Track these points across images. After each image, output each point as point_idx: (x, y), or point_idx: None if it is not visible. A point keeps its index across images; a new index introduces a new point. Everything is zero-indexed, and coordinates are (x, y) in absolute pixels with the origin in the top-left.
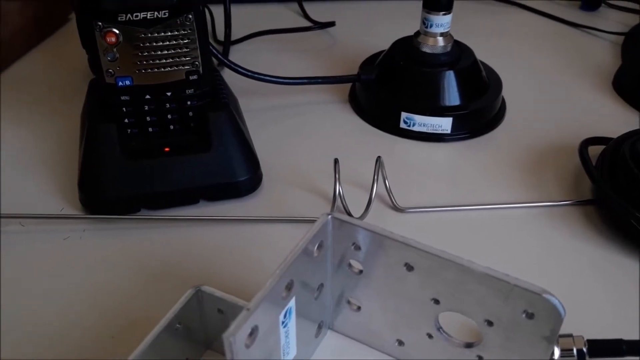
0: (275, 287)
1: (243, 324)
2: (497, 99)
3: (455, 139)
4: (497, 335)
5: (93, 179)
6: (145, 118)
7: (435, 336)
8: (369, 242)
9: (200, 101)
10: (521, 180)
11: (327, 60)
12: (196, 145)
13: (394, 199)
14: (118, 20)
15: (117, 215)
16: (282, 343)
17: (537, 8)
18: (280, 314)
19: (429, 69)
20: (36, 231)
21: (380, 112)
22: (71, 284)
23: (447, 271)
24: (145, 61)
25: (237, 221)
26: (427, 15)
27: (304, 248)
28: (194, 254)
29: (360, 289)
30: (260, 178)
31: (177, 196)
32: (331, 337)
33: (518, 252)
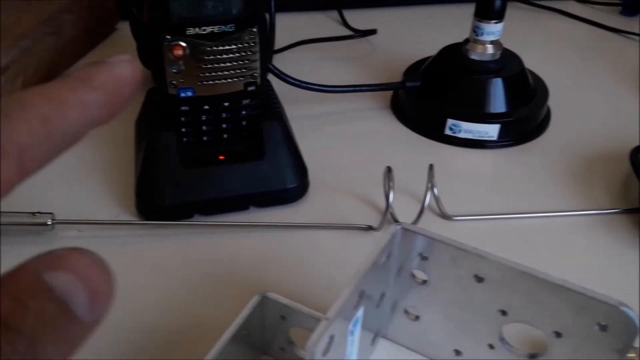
0: (350, 297)
1: (323, 334)
2: (544, 106)
3: (500, 146)
4: (565, 347)
5: (152, 186)
6: (201, 127)
7: (497, 347)
8: (439, 253)
9: (254, 111)
10: (568, 188)
11: (367, 68)
12: (249, 153)
13: (443, 207)
14: (186, 34)
15: (172, 221)
16: (348, 351)
17: (577, 14)
18: (350, 323)
19: (477, 76)
20: (93, 237)
21: (425, 119)
22: (129, 288)
23: (520, 283)
24: (207, 73)
25: (286, 227)
26: (479, 24)
27: (377, 258)
28: (247, 259)
29: (421, 299)
30: (307, 185)
31: (229, 202)
32: (384, 345)
33: (568, 260)
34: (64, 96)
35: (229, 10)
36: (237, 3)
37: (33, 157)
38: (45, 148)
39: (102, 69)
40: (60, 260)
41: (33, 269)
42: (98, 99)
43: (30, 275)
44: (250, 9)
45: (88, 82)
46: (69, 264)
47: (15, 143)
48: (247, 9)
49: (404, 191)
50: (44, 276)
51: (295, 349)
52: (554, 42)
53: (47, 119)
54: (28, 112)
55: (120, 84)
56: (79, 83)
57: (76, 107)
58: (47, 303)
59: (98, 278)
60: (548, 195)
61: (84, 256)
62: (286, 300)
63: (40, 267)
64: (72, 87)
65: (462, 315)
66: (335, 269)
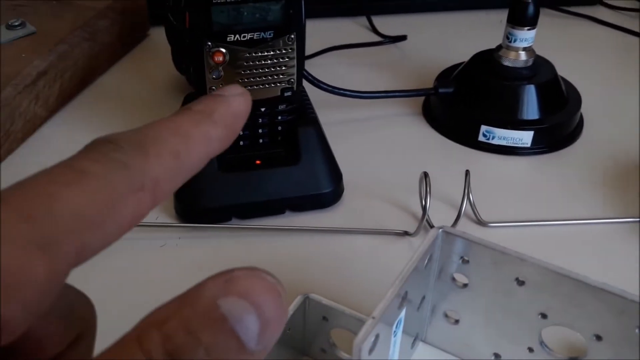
0: (394, 297)
1: (370, 332)
2: (577, 113)
3: (533, 153)
4: (605, 350)
5: (191, 190)
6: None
7: (537, 350)
8: (480, 256)
9: (290, 116)
10: (602, 195)
11: (397, 74)
12: (285, 158)
13: (478, 213)
14: (227, 40)
15: (210, 224)
16: (391, 351)
17: (607, 20)
18: (393, 324)
19: (509, 83)
20: (133, 238)
21: (458, 125)
22: (170, 289)
23: (560, 286)
24: (246, 79)
25: (323, 232)
26: (512, 30)
27: (419, 260)
28: (284, 262)
29: (461, 302)
30: (342, 190)
31: (266, 206)
32: (424, 348)
33: (603, 267)
34: (190, 131)
35: (267, 17)
36: (276, 11)
37: (164, 190)
38: (175, 180)
39: (221, 103)
40: (236, 283)
41: (210, 294)
42: (218, 134)
43: (207, 302)
44: (287, 17)
45: (209, 117)
46: (244, 289)
47: (152, 177)
48: (284, 16)
49: (437, 197)
50: (219, 303)
51: (336, 351)
52: (585, 48)
53: (178, 154)
54: (161, 147)
55: (236, 118)
56: (201, 117)
57: (201, 142)
58: (219, 335)
59: (272, 305)
60: (582, 202)
61: (260, 279)
62: (329, 301)
63: (217, 293)
64: (195, 120)
65: (502, 319)
66: (372, 273)
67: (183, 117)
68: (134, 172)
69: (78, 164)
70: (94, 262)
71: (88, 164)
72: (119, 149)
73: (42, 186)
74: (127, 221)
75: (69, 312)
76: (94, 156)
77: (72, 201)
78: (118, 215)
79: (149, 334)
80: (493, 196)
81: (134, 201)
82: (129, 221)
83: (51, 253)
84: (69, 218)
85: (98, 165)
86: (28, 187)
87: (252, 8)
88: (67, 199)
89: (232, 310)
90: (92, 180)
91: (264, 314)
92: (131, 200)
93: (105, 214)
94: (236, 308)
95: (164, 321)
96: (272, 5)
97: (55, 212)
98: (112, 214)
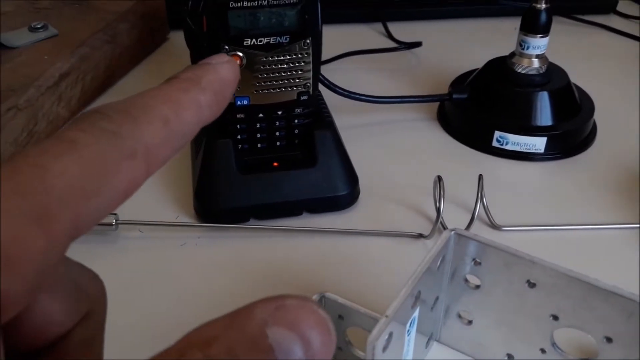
0: (408, 296)
1: (384, 330)
2: (590, 120)
3: (547, 159)
4: (616, 352)
5: (210, 190)
6: (256, 135)
7: (549, 351)
8: (492, 259)
9: (307, 119)
10: (615, 201)
11: (412, 79)
12: (302, 160)
13: (492, 217)
14: (243, 44)
15: (229, 224)
16: (404, 350)
17: (620, 29)
18: (407, 323)
19: (522, 89)
20: (154, 237)
21: (472, 131)
22: (189, 287)
23: (572, 288)
24: (263, 82)
25: (339, 233)
26: (524, 38)
27: (432, 261)
28: (301, 262)
29: (474, 303)
30: (358, 193)
31: (283, 208)
32: (437, 348)
33: (615, 271)
34: (179, 98)
35: (283, 22)
36: (292, 16)
37: (157, 157)
38: (167, 147)
39: (208, 70)
40: (286, 312)
41: (260, 319)
42: (207, 100)
43: (255, 328)
44: (303, 22)
45: (197, 84)
46: (295, 320)
47: (143, 144)
48: (300, 21)
49: (451, 201)
50: (268, 332)
51: (352, 349)
52: (599, 56)
53: (168, 120)
54: (150, 114)
55: (224, 85)
56: (189, 84)
57: (191, 108)
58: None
59: (320, 341)
60: (595, 208)
61: (311, 312)
62: (344, 300)
63: (266, 318)
64: (184, 88)
65: (515, 320)
66: (387, 274)
67: (171, 85)
68: (124, 140)
69: (68, 135)
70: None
71: (78, 134)
72: (108, 117)
73: (33, 159)
74: (122, 189)
75: (75, 289)
76: (83, 126)
77: (64, 172)
78: (112, 184)
79: (192, 354)
80: (506, 201)
81: (127, 169)
82: (123, 189)
83: (47, 225)
84: (62, 189)
85: (88, 135)
86: (20, 161)
87: (269, 13)
88: (60, 170)
89: (281, 342)
90: (83, 149)
91: (312, 349)
92: (124, 167)
93: (99, 183)
94: (285, 340)
95: (209, 343)
96: (288, 11)
97: (48, 183)
98: (105, 182)
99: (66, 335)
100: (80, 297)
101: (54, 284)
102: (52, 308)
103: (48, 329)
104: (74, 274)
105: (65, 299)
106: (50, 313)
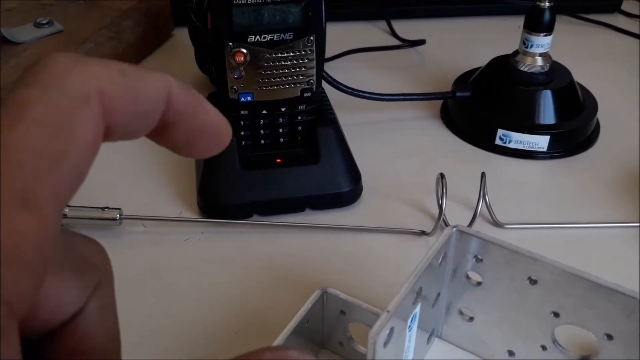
0: (409, 292)
1: (385, 325)
2: (593, 118)
3: (550, 157)
4: (616, 350)
5: (213, 186)
6: (259, 131)
7: (550, 348)
8: (493, 256)
9: (310, 116)
10: (617, 200)
11: (415, 77)
12: (305, 157)
13: (494, 214)
14: (247, 41)
15: (232, 220)
16: (406, 346)
17: (624, 28)
18: (408, 319)
19: (526, 88)
20: (158, 232)
21: (475, 129)
22: (192, 282)
23: (572, 285)
24: (266, 79)
25: (341, 229)
26: (528, 36)
27: (433, 257)
28: (304, 258)
29: (475, 300)
30: (361, 190)
31: (286, 204)
32: (439, 344)
33: (616, 270)
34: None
35: (287, 19)
36: (295, 13)
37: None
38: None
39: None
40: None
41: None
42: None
43: None
44: (307, 19)
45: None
46: None
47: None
48: (304, 18)
49: (454, 199)
50: None
51: (354, 344)
52: (603, 55)
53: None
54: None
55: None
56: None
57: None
58: None
59: None
60: (597, 206)
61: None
62: (346, 295)
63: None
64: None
65: (516, 317)
66: (389, 271)
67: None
68: (73, 84)
69: (16, 97)
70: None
71: (25, 92)
72: (55, 64)
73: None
74: (88, 143)
75: (81, 263)
76: (30, 81)
77: (25, 142)
78: (76, 139)
79: None
80: (509, 198)
81: (85, 117)
82: (90, 140)
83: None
84: (30, 162)
85: (35, 89)
86: None
87: (272, 10)
88: (20, 141)
89: None
90: (34, 109)
91: None
92: (82, 116)
93: (64, 141)
94: None
95: None
96: (291, 8)
97: (13, 160)
98: (69, 138)
99: (80, 310)
100: (88, 270)
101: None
102: (63, 287)
103: (62, 309)
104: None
105: (73, 275)
106: (62, 293)
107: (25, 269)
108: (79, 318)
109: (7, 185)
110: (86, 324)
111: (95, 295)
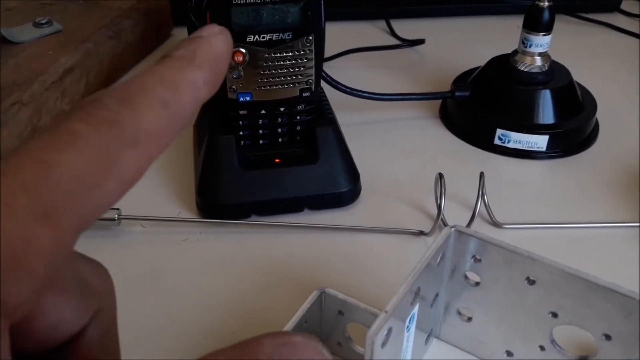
0: (407, 292)
1: (383, 325)
2: (592, 118)
3: (549, 157)
4: (614, 350)
5: (212, 186)
6: (258, 131)
7: (548, 348)
8: (492, 256)
9: (309, 116)
10: (617, 200)
11: (415, 77)
12: (304, 157)
13: (493, 214)
14: (246, 41)
15: (231, 220)
16: (404, 347)
17: (624, 27)
18: (406, 319)
19: (525, 87)
20: (156, 232)
21: (474, 128)
22: (192, 282)
23: (571, 285)
24: (265, 79)
25: (340, 230)
26: (527, 35)
27: (431, 258)
28: (302, 259)
29: (474, 300)
30: (360, 190)
31: (284, 204)
32: (437, 345)
33: (615, 270)
34: (175, 78)
35: (286, 19)
36: (294, 13)
37: (159, 142)
38: (168, 130)
39: (201, 45)
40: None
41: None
42: (203, 77)
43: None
44: (306, 19)
45: (192, 61)
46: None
47: (144, 130)
48: (303, 18)
49: (453, 199)
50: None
51: (352, 344)
52: (602, 55)
53: (166, 103)
54: (148, 98)
55: (219, 58)
56: (184, 63)
57: (188, 87)
58: None
59: None
60: (596, 206)
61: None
62: (344, 295)
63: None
64: (178, 68)
65: (514, 317)
66: (387, 271)
67: (166, 65)
68: (124, 127)
69: (67, 127)
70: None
71: (77, 125)
72: (106, 106)
73: (35, 154)
74: (126, 179)
75: (83, 286)
76: (82, 117)
77: (68, 166)
78: (116, 175)
79: None
80: (508, 198)
81: (129, 158)
82: (127, 179)
83: (54, 222)
84: (67, 183)
85: (87, 126)
86: (22, 157)
87: (271, 10)
88: (63, 164)
89: None
90: (84, 141)
91: None
92: (127, 157)
93: (103, 174)
94: None
95: None
96: (290, 8)
97: (52, 179)
98: (109, 173)
99: (80, 333)
100: (90, 294)
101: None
102: (62, 306)
103: (59, 329)
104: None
105: (74, 296)
106: (61, 312)
107: (29, 275)
108: (79, 343)
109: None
110: (86, 349)
111: (96, 321)
